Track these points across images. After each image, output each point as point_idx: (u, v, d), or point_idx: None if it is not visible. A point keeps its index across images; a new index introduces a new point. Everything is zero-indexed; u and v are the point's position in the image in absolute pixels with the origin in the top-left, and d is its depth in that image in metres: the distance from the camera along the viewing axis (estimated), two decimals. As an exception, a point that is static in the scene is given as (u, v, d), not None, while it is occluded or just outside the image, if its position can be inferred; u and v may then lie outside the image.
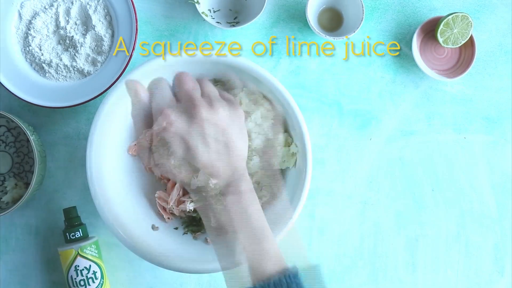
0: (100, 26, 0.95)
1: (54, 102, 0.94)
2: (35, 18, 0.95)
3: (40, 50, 0.95)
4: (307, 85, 1.01)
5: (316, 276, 0.65)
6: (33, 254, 0.98)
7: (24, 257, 0.98)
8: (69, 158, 0.99)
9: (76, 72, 0.96)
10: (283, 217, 0.86)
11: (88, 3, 0.95)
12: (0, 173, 0.98)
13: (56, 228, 0.98)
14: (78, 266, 0.92)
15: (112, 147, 0.90)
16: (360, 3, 0.95)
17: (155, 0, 1.00)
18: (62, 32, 0.95)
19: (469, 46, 0.99)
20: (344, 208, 1.00)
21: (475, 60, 0.98)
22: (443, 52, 1.01)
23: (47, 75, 0.95)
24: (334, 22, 1.00)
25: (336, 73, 1.01)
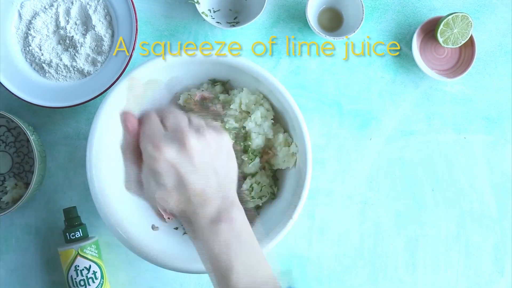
0: (100, 26, 0.95)
1: (54, 102, 0.94)
2: (35, 18, 0.95)
3: (40, 50, 0.95)
4: (307, 85, 1.01)
5: None
6: (33, 254, 0.98)
7: (24, 257, 0.98)
8: (69, 158, 0.99)
9: (76, 72, 0.96)
10: (283, 217, 0.86)
11: (88, 3, 0.95)
12: (0, 173, 0.98)
13: (56, 228, 0.98)
14: (78, 266, 0.92)
15: (112, 147, 0.90)
16: (360, 3, 0.95)
17: (155, 0, 1.00)
18: (62, 32, 0.95)
19: (469, 46, 0.99)
20: (344, 208, 1.00)
21: (475, 60, 0.98)
22: (443, 52, 1.01)
23: (47, 75, 0.95)
24: (334, 22, 1.00)
25: (336, 73, 1.01)
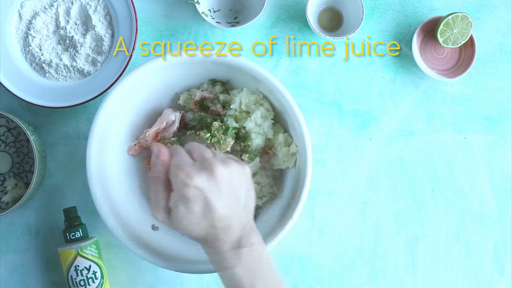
0: (100, 26, 0.95)
1: (54, 102, 0.94)
2: (35, 18, 0.95)
3: (40, 50, 0.95)
4: (307, 85, 1.01)
5: None
6: (33, 254, 0.98)
7: (24, 257, 0.98)
8: (69, 158, 0.99)
9: (76, 72, 0.96)
10: (283, 217, 0.86)
11: (88, 3, 0.95)
12: (0, 173, 0.98)
13: (56, 228, 0.98)
14: (78, 266, 0.92)
15: (112, 147, 0.90)
16: (360, 3, 0.95)
17: (155, 0, 1.00)
18: (62, 32, 0.95)
19: (469, 46, 0.99)
20: (344, 208, 1.00)
21: (475, 60, 0.98)
22: (443, 52, 1.01)
23: (47, 75, 0.95)
24: (334, 22, 1.00)
25: (336, 73, 1.01)
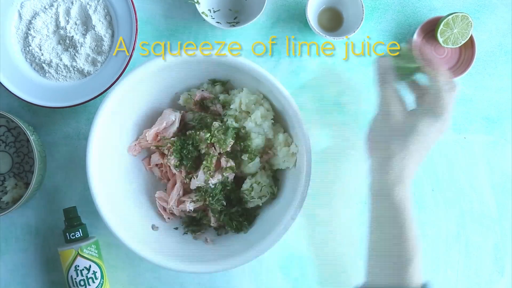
0: (100, 26, 0.95)
1: (54, 102, 0.94)
2: (35, 18, 0.95)
3: (40, 50, 0.95)
4: (307, 85, 1.01)
5: None
6: (33, 254, 0.98)
7: (24, 257, 0.98)
8: (69, 158, 0.99)
9: (76, 72, 0.96)
10: (283, 217, 0.86)
11: (88, 3, 0.95)
12: (0, 173, 0.98)
13: (56, 228, 0.98)
14: (78, 266, 0.92)
15: (112, 147, 0.90)
16: (360, 3, 0.95)
17: (155, 0, 1.00)
18: (62, 32, 0.95)
19: (469, 46, 0.99)
20: (344, 208, 1.00)
21: (475, 60, 0.98)
22: (443, 52, 1.01)
23: (47, 75, 0.95)
24: (334, 22, 1.00)
25: (336, 73, 1.01)
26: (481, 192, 1.01)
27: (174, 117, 0.92)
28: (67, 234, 0.93)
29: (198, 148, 0.90)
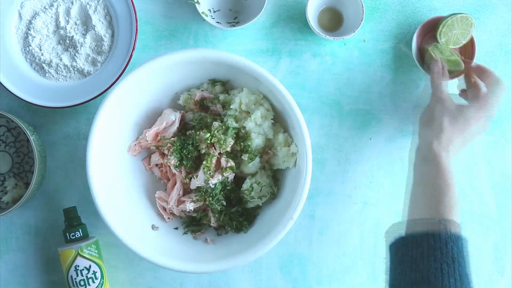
0: (100, 26, 0.95)
1: (54, 102, 0.94)
2: (35, 18, 0.95)
3: (40, 50, 0.95)
4: (307, 85, 1.00)
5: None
6: (33, 254, 0.98)
7: (24, 257, 0.98)
8: (69, 158, 0.99)
9: (76, 72, 0.96)
10: (283, 217, 0.86)
11: (88, 3, 0.95)
12: (0, 173, 0.98)
13: (56, 228, 0.98)
14: (78, 266, 0.92)
15: (112, 147, 0.90)
16: (360, 3, 0.95)
17: (155, 0, 1.00)
18: (62, 32, 0.95)
19: (469, 46, 0.99)
20: (344, 208, 1.00)
21: (475, 60, 0.98)
22: (443, 52, 1.00)
23: (47, 75, 0.95)
24: (334, 22, 1.00)
25: (336, 73, 1.01)
26: (481, 192, 1.01)
27: (174, 117, 0.92)
28: (67, 234, 0.93)
29: (198, 148, 0.90)
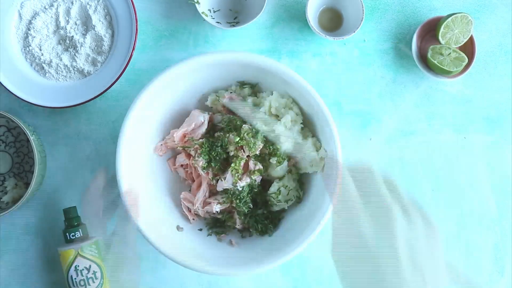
0: (100, 26, 0.95)
1: (54, 102, 0.94)
2: (35, 18, 0.95)
3: (40, 50, 0.95)
4: (307, 85, 1.00)
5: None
6: (33, 254, 0.98)
7: (24, 257, 0.98)
8: (69, 158, 0.99)
9: (76, 72, 0.96)
10: (312, 222, 0.85)
11: (88, 3, 0.95)
12: (0, 173, 0.98)
13: (56, 228, 0.98)
14: (78, 266, 0.92)
15: (139, 148, 0.89)
16: (360, 3, 0.95)
17: (155, 0, 1.00)
18: (62, 32, 0.95)
19: (469, 46, 0.99)
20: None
21: (475, 60, 0.98)
22: (443, 52, 1.01)
23: (47, 75, 0.95)
24: (334, 22, 1.00)
25: (336, 73, 1.01)
26: (481, 193, 1.01)
27: (203, 119, 0.91)
28: (67, 234, 0.93)
29: (227, 150, 0.89)
